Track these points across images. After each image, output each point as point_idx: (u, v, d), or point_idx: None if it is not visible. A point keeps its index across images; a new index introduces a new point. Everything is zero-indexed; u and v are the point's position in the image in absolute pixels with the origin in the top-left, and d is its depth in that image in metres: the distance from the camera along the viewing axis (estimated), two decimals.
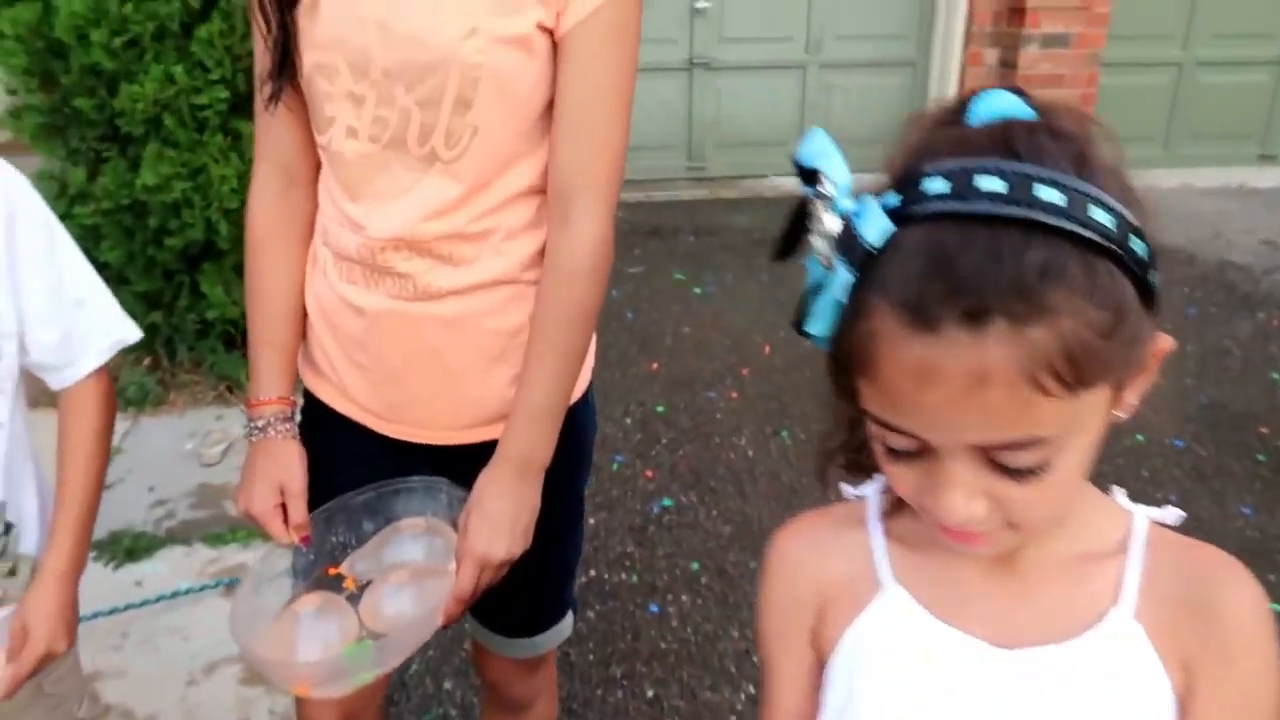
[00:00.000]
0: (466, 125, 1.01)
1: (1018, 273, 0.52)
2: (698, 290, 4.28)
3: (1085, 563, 0.68)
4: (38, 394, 1.17)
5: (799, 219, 0.60)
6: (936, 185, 0.55)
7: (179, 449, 2.95)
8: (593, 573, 2.39)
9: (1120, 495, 0.71)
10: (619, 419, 3.15)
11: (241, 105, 2.91)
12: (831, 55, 5.93)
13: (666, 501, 2.71)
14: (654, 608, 2.28)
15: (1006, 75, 5.70)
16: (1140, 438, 2.97)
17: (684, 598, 2.32)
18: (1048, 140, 0.56)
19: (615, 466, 2.88)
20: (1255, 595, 0.65)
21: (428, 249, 1.06)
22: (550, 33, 1.00)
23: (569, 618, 1.35)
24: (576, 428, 1.17)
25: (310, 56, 1.03)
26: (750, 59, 5.87)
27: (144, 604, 2.26)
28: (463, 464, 1.14)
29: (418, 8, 0.98)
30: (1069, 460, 0.58)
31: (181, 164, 2.85)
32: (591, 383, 1.23)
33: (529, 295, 1.10)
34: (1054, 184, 0.53)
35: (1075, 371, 0.53)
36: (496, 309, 1.11)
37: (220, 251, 3.03)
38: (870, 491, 0.76)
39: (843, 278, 0.57)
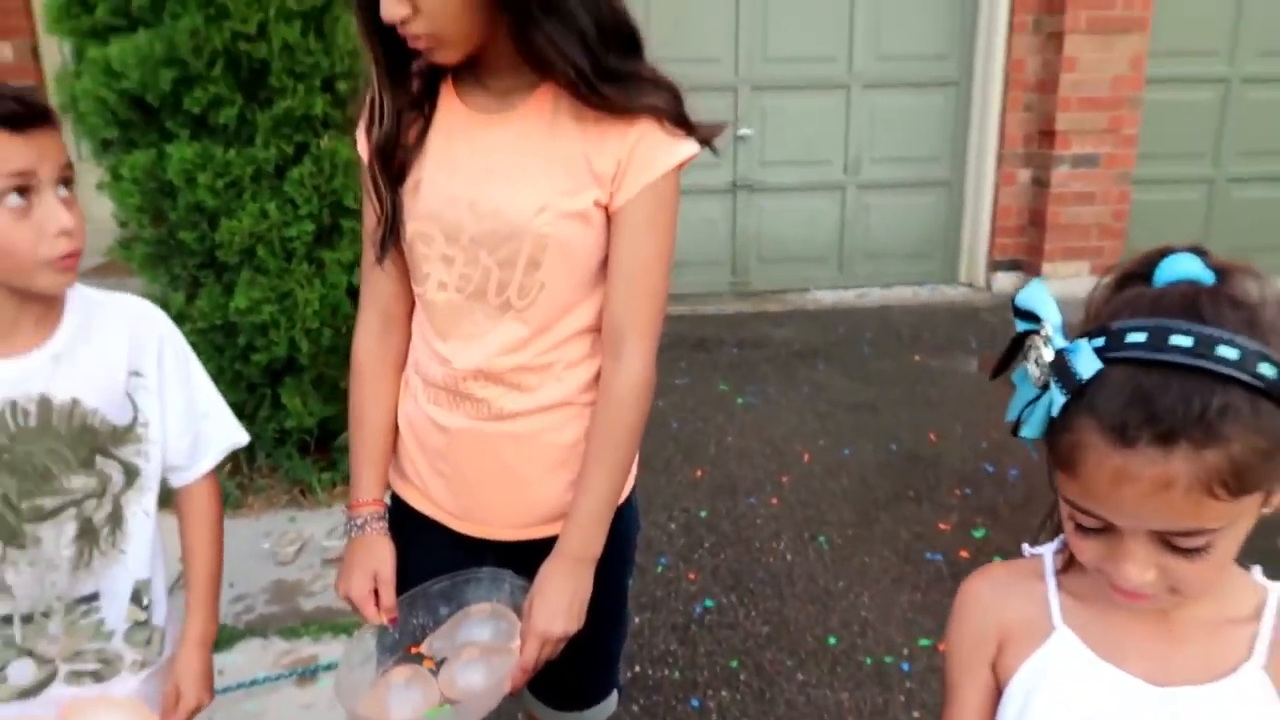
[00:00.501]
0: (536, 281, 1.25)
1: (1203, 412, 0.70)
2: (741, 401, 4.45)
3: (1226, 625, 0.86)
4: None
5: (1015, 348, 0.82)
6: (1137, 336, 0.74)
7: (256, 548, 3.16)
8: (637, 669, 2.54)
9: (1258, 573, 0.90)
10: (664, 523, 3.31)
11: (324, 236, 3.23)
12: (869, 176, 6.19)
13: (708, 602, 2.85)
14: (695, 702, 2.41)
15: (1039, 194, 5.94)
16: None
17: (723, 693, 2.45)
18: (1228, 309, 0.74)
19: (660, 569, 3.03)
20: None
21: (501, 378, 1.29)
22: (605, 208, 1.24)
23: (614, 696, 1.54)
24: (622, 525, 1.37)
25: (412, 226, 1.28)
26: (790, 181, 6.14)
27: (225, 691, 2.44)
28: (523, 557, 1.34)
29: (500, 190, 1.23)
30: (1226, 544, 0.77)
31: (270, 289, 3.15)
32: (634, 486, 1.43)
33: (585, 414, 1.32)
34: (1231, 344, 0.72)
35: (1239, 483, 0.72)
36: (557, 426, 1.32)
37: (300, 367, 3.30)
38: (1045, 551, 0.96)
39: (1056, 398, 0.76)
